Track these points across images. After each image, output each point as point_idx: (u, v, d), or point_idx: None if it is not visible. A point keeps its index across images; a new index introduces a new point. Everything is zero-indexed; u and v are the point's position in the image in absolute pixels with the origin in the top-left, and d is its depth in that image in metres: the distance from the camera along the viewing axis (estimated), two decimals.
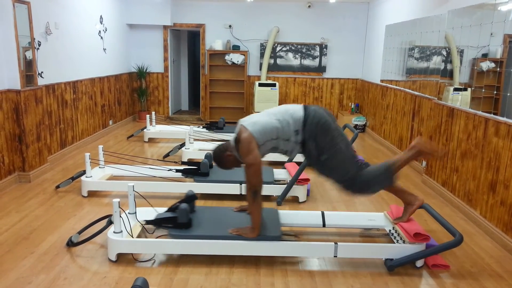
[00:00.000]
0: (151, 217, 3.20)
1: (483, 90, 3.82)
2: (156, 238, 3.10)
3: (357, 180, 2.91)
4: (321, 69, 8.53)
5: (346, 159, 2.90)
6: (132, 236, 2.99)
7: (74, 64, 5.86)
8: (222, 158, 2.97)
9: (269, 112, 2.95)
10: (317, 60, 8.49)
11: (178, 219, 3.00)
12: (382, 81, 7.11)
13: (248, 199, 2.86)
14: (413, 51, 5.78)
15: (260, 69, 8.40)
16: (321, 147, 2.84)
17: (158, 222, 3.08)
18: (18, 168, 4.52)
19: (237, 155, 2.90)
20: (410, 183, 4.88)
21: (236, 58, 8.22)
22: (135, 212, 3.26)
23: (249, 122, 2.87)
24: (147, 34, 8.38)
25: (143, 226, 3.21)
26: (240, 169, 4.60)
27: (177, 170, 4.35)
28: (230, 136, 6.27)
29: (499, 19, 3.58)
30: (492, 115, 3.61)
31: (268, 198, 4.15)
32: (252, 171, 2.77)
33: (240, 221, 3.14)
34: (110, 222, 3.11)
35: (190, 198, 3.25)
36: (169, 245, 2.93)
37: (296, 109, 2.90)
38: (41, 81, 4.93)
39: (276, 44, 8.41)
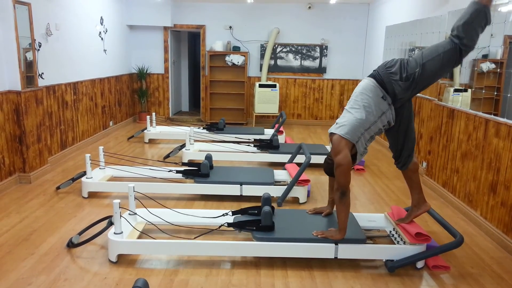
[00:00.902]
0: (154, 218, 3.19)
1: (484, 91, 3.82)
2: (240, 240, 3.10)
3: (460, 41, 2.73)
4: (321, 70, 8.53)
5: (433, 50, 2.82)
6: (138, 230, 2.99)
7: (74, 65, 5.87)
8: (330, 166, 3.02)
9: (348, 107, 2.93)
10: (318, 61, 8.49)
11: (262, 222, 3.01)
12: None
13: (336, 200, 2.88)
14: (413, 52, 5.78)
15: (261, 70, 8.40)
16: (407, 74, 2.79)
17: (241, 225, 3.08)
18: (19, 169, 4.53)
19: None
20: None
21: (237, 59, 8.22)
22: (136, 213, 3.26)
23: (336, 127, 2.90)
24: (147, 35, 8.39)
25: (141, 230, 3.20)
26: (241, 170, 4.62)
27: (178, 171, 4.35)
28: (229, 137, 6.28)
29: (499, 20, 3.58)
30: (492, 116, 3.61)
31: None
32: (341, 171, 2.79)
33: (320, 223, 3.17)
34: (110, 223, 3.11)
35: (268, 201, 3.24)
36: (171, 247, 2.92)
37: (365, 84, 2.89)
38: (41, 82, 4.93)
39: (276, 45, 8.41)
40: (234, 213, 3.35)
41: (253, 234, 3.00)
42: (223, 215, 3.34)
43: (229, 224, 3.11)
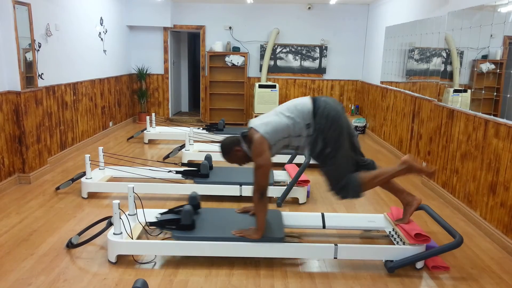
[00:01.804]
0: (154, 218, 3.20)
1: (483, 92, 3.82)
2: (162, 239, 3.10)
3: (342, 186, 2.92)
4: (321, 70, 8.54)
5: (346, 159, 2.90)
6: (132, 238, 2.99)
7: (74, 65, 5.87)
8: (231, 151, 2.97)
9: (277, 111, 2.95)
10: (317, 61, 8.49)
11: (181, 221, 2.99)
12: (382, 82, 7.11)
13: (254, 200, 2.87)
14: (413, 53, 5.78)
15: (260, 70, 8.40)
16: (327, 140, 2.82)
17: (161, 224, 3.07)
18: (18, 169, 4.52)
19: (248, 152, 2.91)
20: (410, 185, 4.87)
21: (236, 59, 8.22)
22: (136, 214, 3.26)
23: (259, 123, 2.88)
24: (147, 36, 8.39)
25: (144, 228, 3.20)
26: (241, 170, 4.62)
27: (177, 172, 4.35)
28: None
29: (499, 21, 3.59)
30: (492, 116, 3.61)
31: (268, 199, 4.14)
32: (261, 172, 2.78)
33: (243, 223, 3.14)
34: (110, 224, 3.11)
35: (194, 200, 3.24)
36: (170, 247, 2.92)
37: (304, 102, 2.89)
38: (41, 83, 4.93)
39: (276, 46, 8.42)
40: (162, 213, 3.30)
41: (172, 233, 2.98)
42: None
43: (150, 223, 3.11)
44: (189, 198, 3.27)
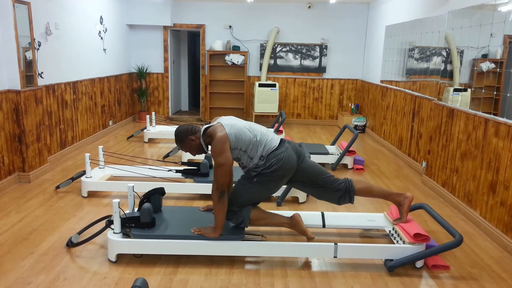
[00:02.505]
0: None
1: (483, 91, 3.82)
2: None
3: (236, 211, 2.98)
4: (321, 69, 8.53)
5: (258, 195, 3.03)
6: (130, 237, 2.99)
7: (74, 64, 5.86)
8: (185, 139, 2.93)
9: (250, 125, 2.96)
10: (317, 60, 8.49)
11: (140, 219, 2.97)
12: (382, 81, 7.11)
13: (214, 199, 2.83)
14: (413, 52, 5.78)
15: (260, 69, 8.40)
16: (261, 174, 2.89)
17: (122, 222, 3.03)
18: (18, 168, 4.52)
19: (203, 145, 2.92)
20: (410, 184, 4.88)
21: (236, 58, 8.22)
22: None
23: (227, 123, 2.88)
24: (147, 35, 8.39)
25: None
26: (240, 170, 4.61)
27: (177, 171, 4.35)
28: None
29: (499, 20, 3.58)
30: (492, 115, 3.61)
31: (268, 198, 4.15)
32: (222, 171, 2.76)
33: (205, 221, 3.12)
34: (110, 223, 3.11)
35: (153, 193, 3.20)
36: (169, 246, 2.92)
37: (274, 139, 2.94)
38: (41, 82, 4.93)
39: (276, 45, 8.41)
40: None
41: (131, 231, 2.96)
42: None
43: (110, 222, 3.04)
44: (147, 193, 3.22)
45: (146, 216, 2.96)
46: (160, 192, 3.26)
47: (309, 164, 3.03)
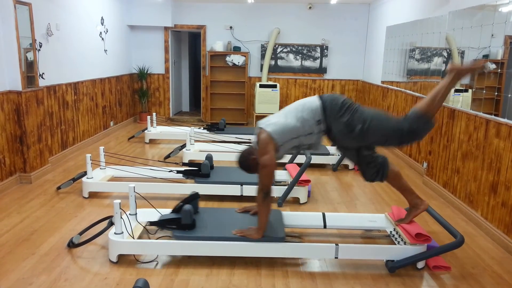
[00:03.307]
0: (154, 218, 3.20)
1: (484, 92, 3.82)
2: (157, 239, 3.10)
3: (406, 130, 2.81)
4: (322, 70, 8.53)
5: (383, 117, 2.88)
6: (133, 237, 2.99)
7: (75, 65, 5.87)
8: (248, 162, 2.97)
9: (286, 111, 2.95)
10: (318, 61, 8.49)
11: (182, 220, 2.99)
12: (383, 82, 7.11)
13: (258, 200, 2.87)
14: (414, 52, 5.78)
15: (261, 70, 8.40)
16: (350, 122, 2.81)
17: (161, 224, 3.07)
18: (19, 169, 4.53)
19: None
20: (411, 184, 4.85)
21: (237, 59, 8.22)
22: (136, 213, 3.26)
23: (267, 123, 2.88)
24: (148, 36, 8.39)
25: (144, 228, 3.20)
26: (241, 171, 4.61)
27: (178, 171, 4.35)
28: (230, 137, 6.28)
29: (500, 20, 3.58)
30: (493, 116, 3.61)
31: (271, 199, 4.14)
32: (266, 172, 2.78)
33: (243, 222, 3.14)
34: (111, 223, 3.11)
35: (193, 198, 3.24)
36: (171, 246, 2.93)
37: (311, 101, 2.91)
38: (42, 82, 4.94)
39: (277, 45, 8.41)
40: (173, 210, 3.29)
41: (172, 233, 2.99)
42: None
43: (151, 223, 3.11)
44: (188, 197, 3.25)
45: (188, 218, 2.99)
46: (197, 197, 3.28)
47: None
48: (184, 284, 2.71)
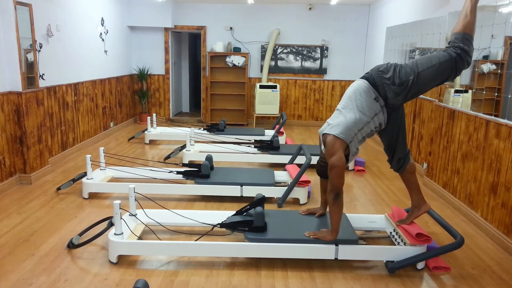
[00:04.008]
0: (161, 219, 3.18)
1: (484, 92, 3.82)
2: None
3: (457, 54, 2.84)
4: (322, 71, 8.54)
5: (425, 59, 2.87)
6: (138, 237, 2.99)
7: (75, 66, 5.87)
8: (325, 169, 3.01)
9: (340, 108, 2.94)
10: (318, 62, 8.49)
11: (254, 223, 3.00)
12: None
13: (329, 201, 2.87)
14: (414, 53, 5.78)
15: (261, 71, 8.40)
16: (400, 80, 2.82)
17: (233, 226, 3.07)
18: (19, 170, 4.53)
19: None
20: None
21: (237, 60, 8.22)
22: (136, 214, 3.27)
23: (330, 128, 2.88)
24: (148, 36, 8.40)
25: (149, 228, 3.20)
26: (242, 171, 4.62)
27: (178, 172, 4.35)
28: (230, 138, 6.28)
29: (500, 21, 3.58)
30: (493, 117, 3.61)
31: (269, 200, 4.15)
32: (335, 172, 2.78)
33: (312, 224, 3.16)
34: (111, 224, 3.12)
35: (260, 202, 3.22)
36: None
37: (358, 85, 2.92)
38: (42, 83, 4.94)
39: (277, 46, 8.42)
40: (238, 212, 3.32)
41: (245, 235, 2.99)
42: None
43: (222, 225, 3.11)
44: (256, 200, 3.22)
45: (260, 220, 2.99)
46: (264, 200, 3.28)
47: None
48: (184, 285, 2.71)
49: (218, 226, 3.13)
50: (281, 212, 3.54)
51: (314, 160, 4.88)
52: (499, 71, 3.68)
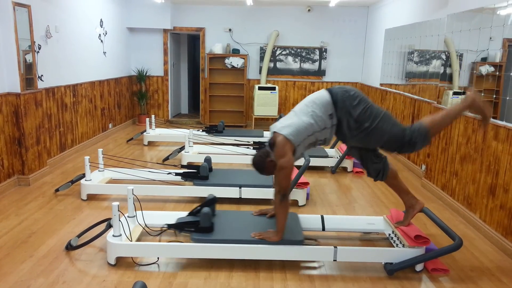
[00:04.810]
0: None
1: (483, 94, 3.83)
2: (169, 241, 3.10)
3: (407, 140, 2.88)
4: (320, 72, 8.54)
5: (391, 121, 2.90)
6: (131, 240, 2.98)
7: (74, 67, 5.87)
8: (264, 164, 2.95)
9: (296, 111, 2.94)
10: (317, 63, 8.50)
11: (200, 223, 2.99)
12: (381, 84, 7.12)
13: (276, 202, 2.88)
14: (412, 55, 5.79)
15: (260, 72, 8.41)
16: (359, 118, 2.83)
17: (180, 226, 3.06)
18: (18, 171, 4.52)
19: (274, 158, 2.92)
20: (410, 187, 4.86)
21: (236, 61, 8.23)
22: (135, 216, 3.26)
23: (281, 126, 2.88)
24: (147, 38, 8.40)
25: (145, 230, 3.20)
26: (240, 172, 4.62)
27: (177, 174, 4.35)
28: (228, 139, 6.28)
29: (498, 23, 3.59)
30: (491, 119, 3.61)
31: (268, 202, 4.14)
32: (284, 174, 2.78)
33: (262, 225, 3.14)
34: (109, 226, 3.11)
35: (211, 202, 3.23)
36: (171, 249, 2.92)
37: (320, 95, 2.92)
38: (41, 84, 4.93)
39: (275, 48, 8.42)
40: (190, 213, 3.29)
41: (191, 236, 2.98)
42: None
43: (170, 226, 3.10)
44: (206, 200, 3.23)
45: (207, 221, 2.98)
46: (215, 201, 3.27)
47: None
48: (183, 287, 2.70)
49: (166, 226, 3.13)
50: (233, 213, 3.54)
51: (313, 161, 4.89)
52: (498, 73, 3.69)
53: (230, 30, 8.35)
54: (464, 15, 4.22)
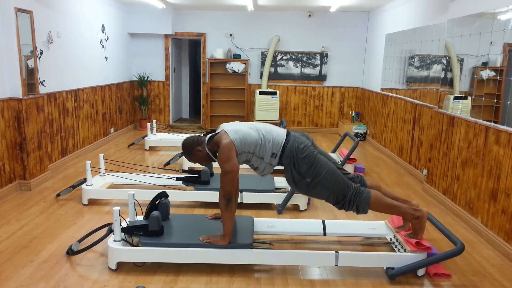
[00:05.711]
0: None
1: (484, 99, 3.83)
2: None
3: (348, 198, 2.88)
4: (321, 77, 8.56)
5: (334, 177, 2.86)
6: (132, 245, 2.98)
7: (75, 72, 5.89)
8: (192, 150, 2.94)
9: (253, 125, 2.96)
10: (318, 68, 8.52)
11: (149, 227, 2.97)
12: (382, 89, 7.13)
13: (221, 206, 2.84)
14: (413, 60, 5.80)
15: (261, 77, 8.43)
16: (303, 172, 2.83)
17: (129, 230, 3.03)
18: (19, 176, 4.52)
19: (210, 154, 2.92)
20: (411, 192, 4.86)
21: (237, 66, 8.25)
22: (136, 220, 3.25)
23: (231, 129, 2.87)
24: (148, 43, 8.43)
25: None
26: (242, 177, 4.61)
27: (178, 178, 4.35)
28: None
29: (498, 28, 3.60)
30: (492, 123, 3.61)
31: (269, 206, 4.14)
32: (229, 178, 2.77)
33: (214, 229, 3.11)
34: (110, 231, 3.10)
35: (159, 196, 3.18)
36: (178, 254, 2.91)
37: (279, 132, 2.92)
38: (42, 90, 4.95)
39: (276, 53, 8.45)
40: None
41: (139, 240, 2.96)
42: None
43: (122, 229, 3.04)
44: (153, 200, 3.22)
45: (155, 224, 2.96)
46: (164, 195, 3.25)
47: (322, 151, 3.02)
48: None
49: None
50: (188, 217, 3.53)
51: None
52: (498, 77, 3.69)
53: (231, 35, 8.38)
54: (464, 20, 4.23)
